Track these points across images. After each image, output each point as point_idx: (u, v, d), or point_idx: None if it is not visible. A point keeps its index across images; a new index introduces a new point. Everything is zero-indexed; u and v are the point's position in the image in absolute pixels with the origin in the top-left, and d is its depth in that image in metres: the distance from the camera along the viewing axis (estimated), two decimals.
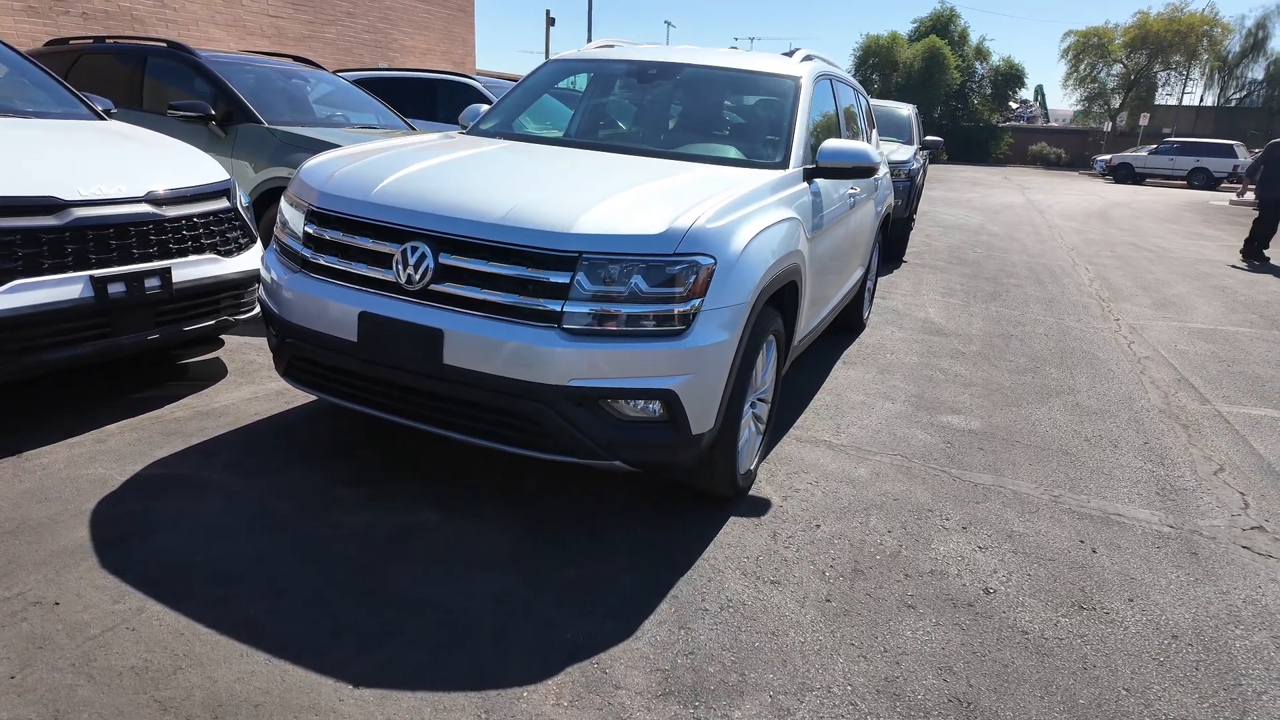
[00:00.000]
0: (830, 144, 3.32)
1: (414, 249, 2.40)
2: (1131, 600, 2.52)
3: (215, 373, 3.78)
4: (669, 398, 2.34)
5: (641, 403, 2.38)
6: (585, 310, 2.28)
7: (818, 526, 2.81)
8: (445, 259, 2.38)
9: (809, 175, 3.34)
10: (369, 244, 2.50)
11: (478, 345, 2.31)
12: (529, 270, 2.31)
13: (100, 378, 3.57)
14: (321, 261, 2.60)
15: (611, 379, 2.31)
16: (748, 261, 2.49)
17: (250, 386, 3.63)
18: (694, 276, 2.33)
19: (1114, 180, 30.70)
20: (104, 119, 4.12)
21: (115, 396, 3.40)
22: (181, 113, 4.99)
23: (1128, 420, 4.21)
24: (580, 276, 2.28)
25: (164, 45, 5.60)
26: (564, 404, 2.30)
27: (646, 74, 3.91)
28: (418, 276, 2.39)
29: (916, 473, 3.34)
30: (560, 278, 2.29)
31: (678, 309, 2.32)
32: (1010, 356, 5.27)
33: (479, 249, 2.36)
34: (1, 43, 4.22)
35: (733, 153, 3.43)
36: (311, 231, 2.64)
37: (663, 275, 2.31)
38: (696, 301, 2.34)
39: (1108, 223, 14.71)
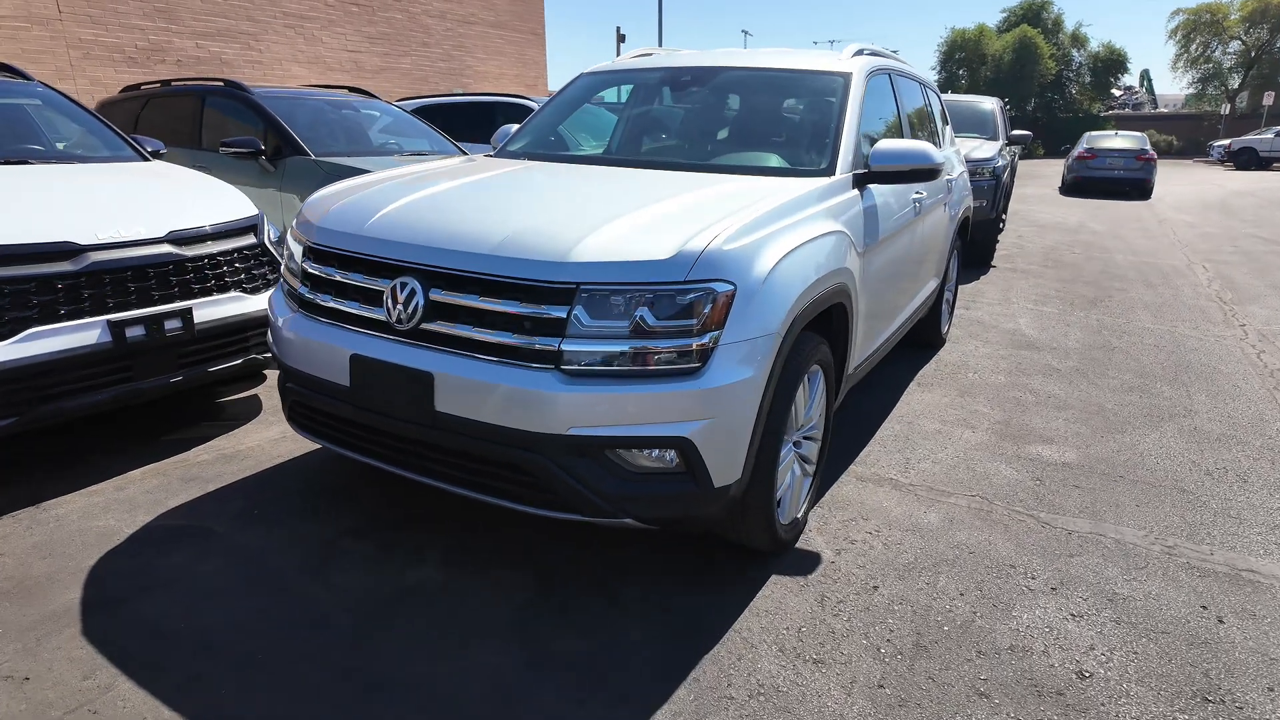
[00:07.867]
0: (883, 145, 2.94)
1: (403, 285, 2.19)
2: (1273, 690, 2.02)
3: (249, 411, 3.71)
4: (685, 446, 2.03)
5: (655, 452, 2.08)
6: (585, 349, 2.01)
7: (875, 588, 2.42)
8: (436, 295, 2.16)
9: (860, 181, 2.96)
10: (361, 280, 2.32)
11: (470, 390, 2.07)
12: (523, 305, 2.05)
13: (134, 417, 3.55)
14: (318, 300, 2.43)
15: (617, 426, 2.02)
16: (776, 285, 2.16)
17: (279, 426, 3.53)
18: (709, 306, 2.02)
19: (1234, 167, 28.21)
20: (148, 160, 4.16)
21: (145, 438, 3.35)
22: (232, 150, 5.05)
23: (1259, 449, 3.59)
24: (579, 310, 2.01)
25: (220, 84, 5.72)
26: (564, 455, 2.03)
27: (680, 81, 3.62)
28: (408, 314, 2.18)
29: (998, 518, 2.89)
30: (557, 312, 2.02)
31: (692, 343, 2.02)
32: (1113, 373, 4.65)
33: (470, 283, 2.12)
34: (59, 93, 4.35)
35: (774, 160, 3.09)
36: (310, 269, 2.48)
37: (673, 306, 2.01)
38: (713, 334, 2.03)
39: (1228, 214, 13.35)
